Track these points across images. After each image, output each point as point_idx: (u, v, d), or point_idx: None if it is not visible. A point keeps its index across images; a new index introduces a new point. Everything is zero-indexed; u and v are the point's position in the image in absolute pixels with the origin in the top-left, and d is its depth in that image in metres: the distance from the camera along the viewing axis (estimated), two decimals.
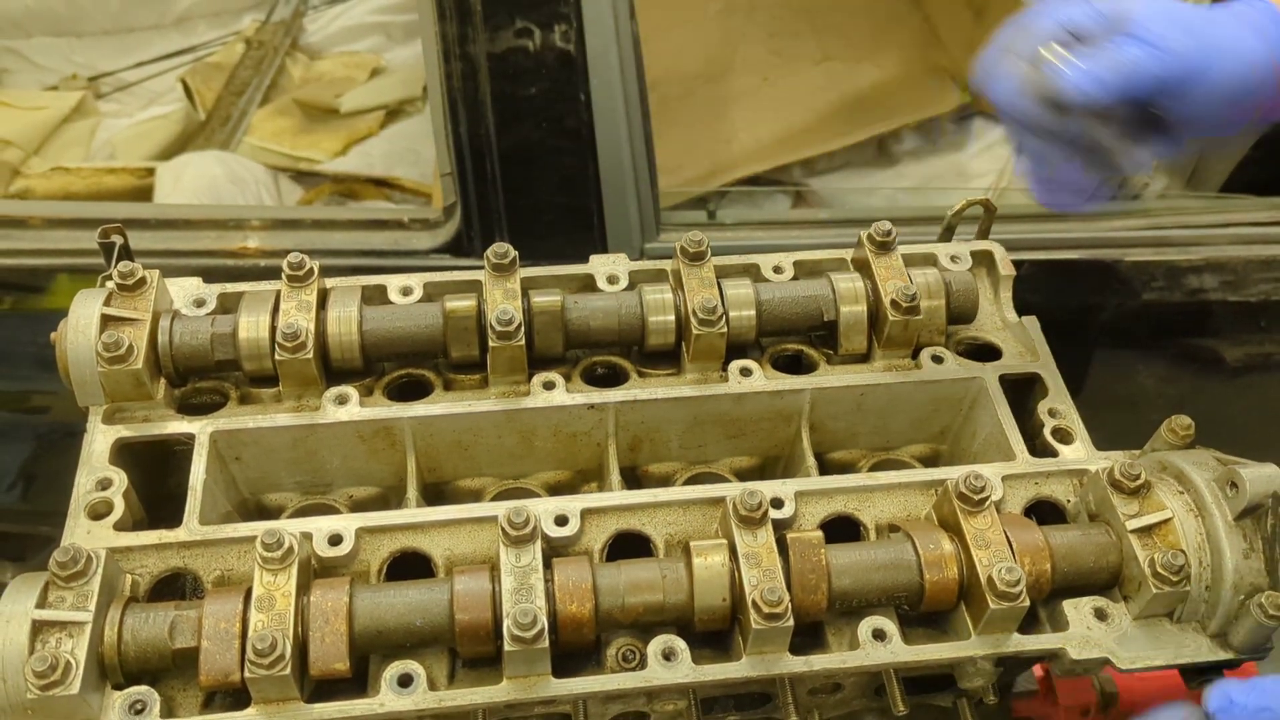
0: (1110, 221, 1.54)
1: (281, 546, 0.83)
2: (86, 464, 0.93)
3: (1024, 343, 1.08)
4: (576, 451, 1.05)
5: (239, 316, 0.98)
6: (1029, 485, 0.96)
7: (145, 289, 0.98)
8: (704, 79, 2.58)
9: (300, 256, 0.99)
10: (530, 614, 0.80)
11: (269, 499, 1.04)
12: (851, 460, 1.10)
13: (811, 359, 1.07)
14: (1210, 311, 1.51)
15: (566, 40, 1.31)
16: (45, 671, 0.76)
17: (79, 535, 0.89)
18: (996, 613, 0.85)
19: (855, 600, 0.87)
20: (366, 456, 1.01)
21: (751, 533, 0.86)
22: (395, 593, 0.84)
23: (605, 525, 0.93)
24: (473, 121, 1.34)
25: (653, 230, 1.43)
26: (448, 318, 0.99)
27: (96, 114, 2.81)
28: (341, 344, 0.99)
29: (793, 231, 1.56)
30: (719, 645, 0.90)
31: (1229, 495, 0.86)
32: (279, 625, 0.80)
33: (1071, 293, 1.50)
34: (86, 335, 0.93)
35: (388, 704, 0.81)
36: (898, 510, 0.95)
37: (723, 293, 1.02)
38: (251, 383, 1.01)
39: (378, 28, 3.01)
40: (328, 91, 2.74)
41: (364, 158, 2.57)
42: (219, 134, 2.65)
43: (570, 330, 1.01)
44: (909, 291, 1.01)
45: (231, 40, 2.98)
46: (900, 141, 2.66)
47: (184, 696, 0.84)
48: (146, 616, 0.82)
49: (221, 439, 0.97)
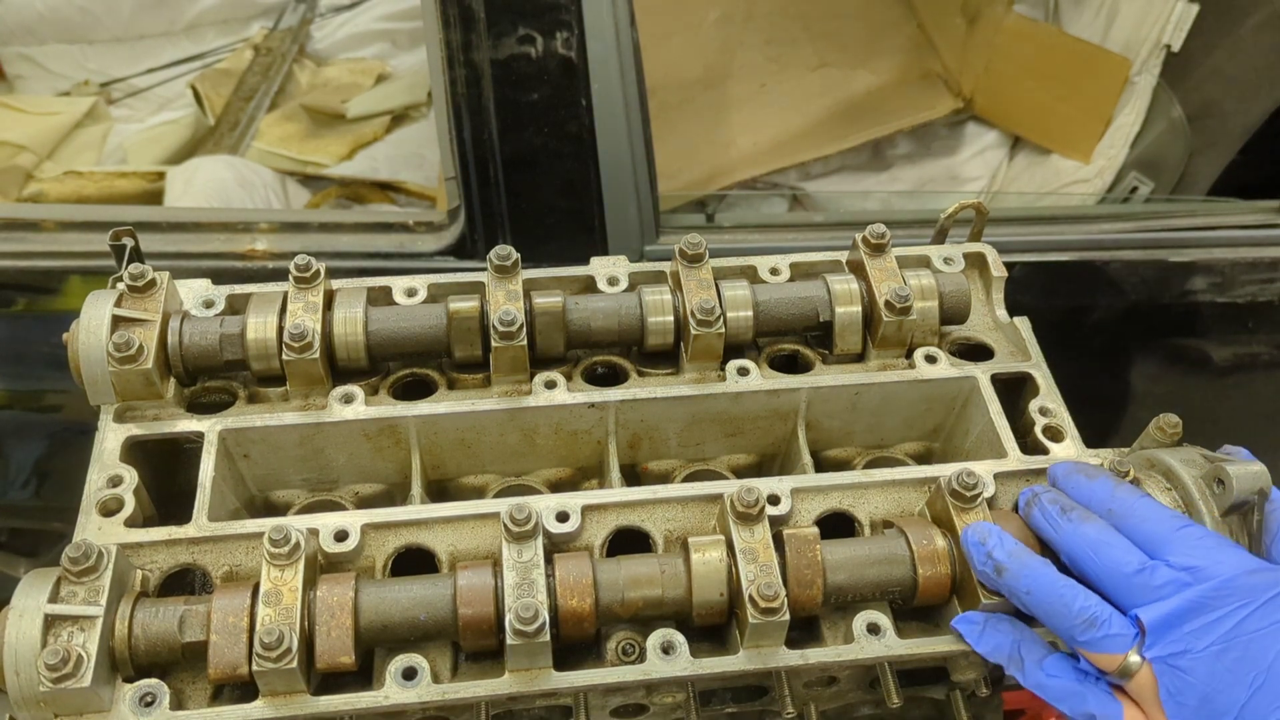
0: (1100, 224, 1.55)
1: (289, 542, 0.83)
2: (98, 461, 0.93)
3: (1015, 343, 1.09)
4: (577, 449, 1.05)
5: (247, 317, 0.98)
6: (1020, 482, 0.97)
7: (155, 290, 0.98)
8: (703, 85, 2.60)
9: (307, 259, 1.00)
10: (532, 608, 0.80)
11: (276, 496, 1.05)
12: (846, 458, 1.10)
13: (807, 359, 1.08)
14: (1199, 312, 1.52)
15: (568, 47, 1.33)
16: (57, 664, 0.77)
17: (90, 531, 0.89)
18: (989, 607, 0.86)
19: (850, 595, 0.88)
20: (372, 454, 1.02)
21: (749, 529, 0.87)
22: (400, 588, 0.85)
23: (605, 521, 0.93)
24: (476, 126, 1.35)
25: (652, 233, 1.44)
26: (451, 318, 1.00)
27: (108, 119, 2.83)
28: (347, 344, 0.99)
29: (789, 234, 1.57)
30: (717, 639, 0.91)
31: (1216, 492, 0.87)
32: (286, 619, 0.80)
33: (1062, 294, 1.51)
34: (98, 336, 0.94)
35: (392, 696, 0.82)
36: (892, 507, 0.96)
37: (720, 294, 1.03)
38: (259, 382, 1.01)
39: (383, 35, 3.04)
40: (334, 97, 2.76)
41: (370, 162, 2.59)
42: (228, 139, 2.67)
43: (571, 331, 1.02)
44: (903, 293, 1.02)
45: (240, 47, 3.00)
46: (894, 146, 2.68)
47: (193, 689, 0.85)
48: (156, 611, 0.83)
49: (230, 437, 0.97)
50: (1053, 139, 2.60)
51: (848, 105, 2.63)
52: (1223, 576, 0.78)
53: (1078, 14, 2.61)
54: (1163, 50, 2.33)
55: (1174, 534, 0.82)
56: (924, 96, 2.68)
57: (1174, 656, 0.78)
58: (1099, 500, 0.88)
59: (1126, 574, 0.81)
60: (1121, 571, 0.81)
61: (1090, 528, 0.85)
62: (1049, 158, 2.61)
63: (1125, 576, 0.81)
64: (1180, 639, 0.78)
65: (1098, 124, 2.46)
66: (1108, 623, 0.80)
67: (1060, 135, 2.57)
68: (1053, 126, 2.59)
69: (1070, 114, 2.51)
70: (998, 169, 2.68)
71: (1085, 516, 0.86)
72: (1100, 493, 0.88)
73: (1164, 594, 0.79)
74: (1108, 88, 2.41)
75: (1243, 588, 0.78)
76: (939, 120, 2.68)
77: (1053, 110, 2.56)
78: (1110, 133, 2.44)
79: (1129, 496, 0.87)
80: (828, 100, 2.63)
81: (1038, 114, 2.62)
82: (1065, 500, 0.88)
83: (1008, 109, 2.70)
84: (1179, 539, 0.82)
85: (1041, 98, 2.57)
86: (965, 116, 2.75)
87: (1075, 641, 0.81)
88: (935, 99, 2.68)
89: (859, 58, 2.73)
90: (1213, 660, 0.76)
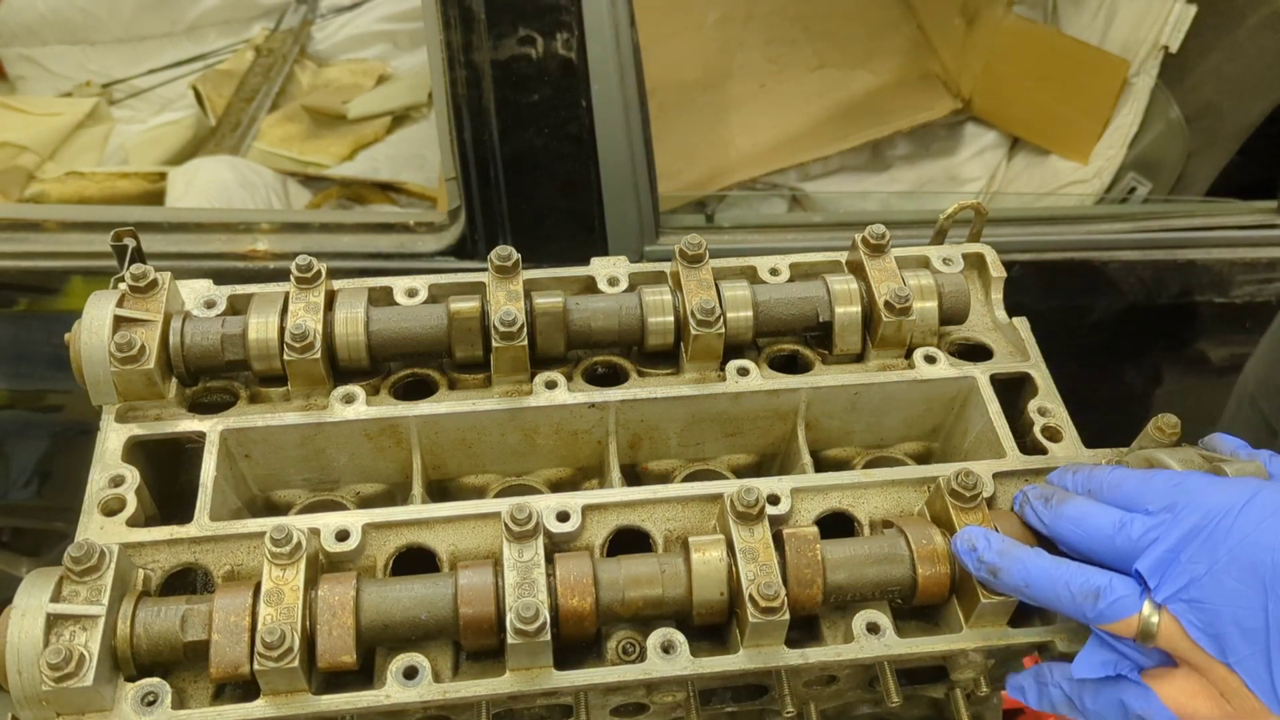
0: (1099, 225, 1.55)
1: (290, 542, 0.84)
2: (100, 461, 0.94)
3: (1014, 343, 1.09)
4: (578, 449, 1.05)
5: (248, 317, 0.98)
6: (1019, 482, 0.97)
7: (157, 291, 0.99)
8: (702, 86, 2.61)
9: (308, 259, 1.00)
10: (533, 608, 0.81)
11: (278, 495, 1.05)
12: (846, 458, 1.10)
13: (807, 359, 1.08)
14: (1196, 312, 1.53)
15: (568, 48, 1.33)
16: (60, 664, 0.77)
17: (92, 531, 0.89)
18: (987, 606, 0.86)
19: (850, 594, 0.88)
20: (373, 454, 1.02)
21: (748, 528, 0.88)
22: (401, 587, 0.85)
23: (606, 521, 0.94)
24: (477, 127, 1.36)
25: (652, 233, 1.45)
26: (452, 319, 1.00)
27: (110, 120, 2.84)
28: (348, 344, 0.99)
29: (789, 234, 1.58)
30: (717, 638, 0.91)
31: None
32: (288, 619, 0.81)
33: (1061, 294, 1.52)
34: (100, 336, 0.94)
35: (394, 695, 0.82)
36: (891, 506, 0.96)
37: (720, 294, 1.03)
38: (261, 382, 1.01)
39: (384, 36, 3.04)
40: (335, 98, 2.77)
41: (370, 163, 2.60)
42: (229, 139, 2.68)
43: (572, 331, 1.02)
44: (902, 293, 1.02)
45: (242, 48, 3.01)
46: (894, 146, 2.69)
47: (195, 688, 0.85)
48: (158, 610, 0.83)
49: (231, 437, 0.97)
50: (1051, 140, 2.60)
51: (847, 106, 2.64)
52: (1198, 502, 0.79)
53: (1076, 15, 2.62)
54: (1161, 51, 2.34)
55: (1145, 486, 0.84)
56: (923, 97, 2.69)
57: (1184, 590, 0.77)
58: (1080, 484, 0.90)
59: (1110, 534, 0.82)
60: (1105, 534, 0.82)
61: (1070, 506, 0.86)
62: (1047, 158, 2.62)
63: (1109, 537, 0.82)
64: (1182, 571, 0.77)
65: (1096, 125, 2.47)
66: (1109, 587, 0.80)
67: (1059, 136, 2.57)
68: (1051, 127, 2.59)
69: (1069, 115, 2.52)
70: (996, 169, 2.68)
71: (1065, 498, 0.88)
72: (1081, 477, 0.90)
73: (1151, 538, 0.80)
74: (1106, 88, 2.42)
75: (1220, 504, 0.78)
76: (938, 121, 2.69)
77: (1051, 111, 2.56)
78: (1108, 133, 2.45)
79: (1103, 472, 0.89)
80: (827, 101, 2.63)
81: (1036, 115, 2.62)
82: (1049, 490, 0.90)
83: (1006, 110, 2.70)
84: (1150, 488, 0.83)
85: (1040, 98, 2.58)
86: (964, 117, 2.76)
87: (1089, 619, 0.81)
88: (934, 100, 2.69)
89: (858, 58, 2.74)
90: (1221, 579, 0.76)
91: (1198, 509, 0.79)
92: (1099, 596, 0.80)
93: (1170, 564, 0.78)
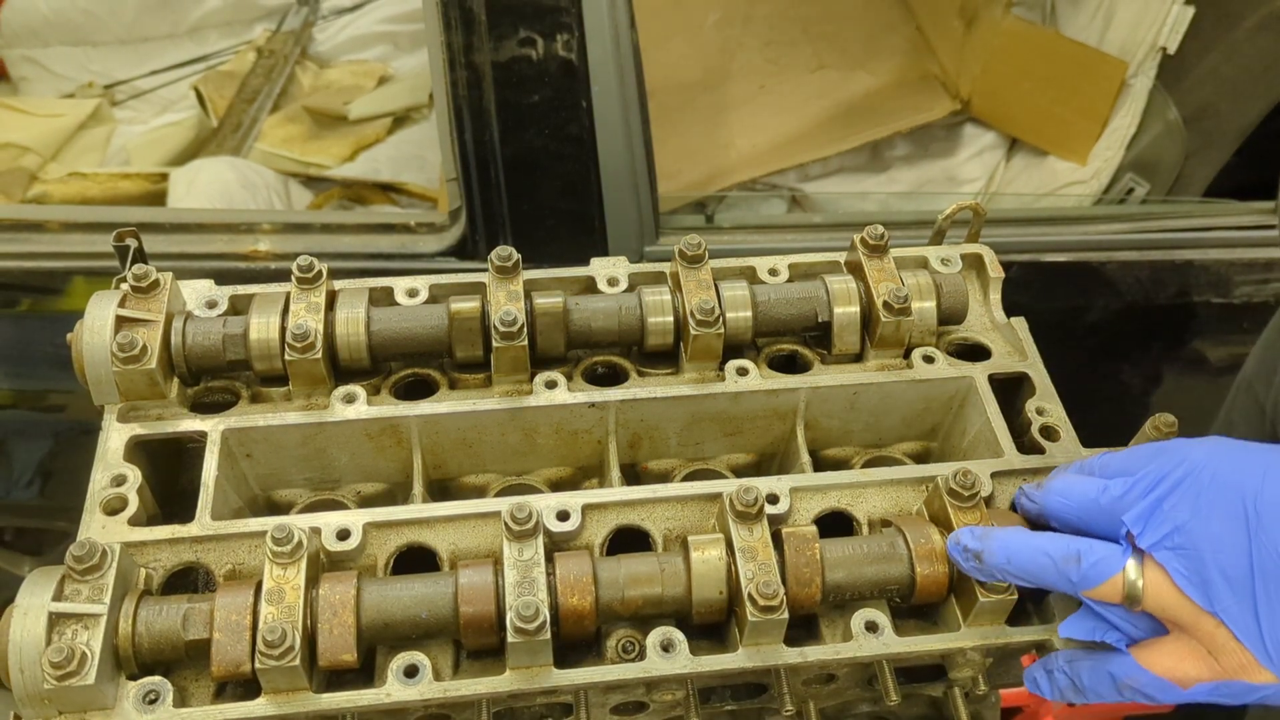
0: (1097, 225, 1.56)
1: (291, 541, 0.84)
2: (102, 461, 0.94)
3: (1012, 343, 1.09)
4: (578, 449, 1.06)
5: (250, 318, 0.98)
6: (1017, 481, 0.98)
7: (159, 291, 0.99)
8: (702, 87, 2.61)
9: (309, 259, 1.01)
10: (533, 606, 0.81)
11: (279, 495, 1.05)
12: (845, 457, 1.11)
13: (806, 359, 1.08)
14: (1194, 313, 1.53)
15: (569, 49, 1.34)
16: (62, 662, 0.77)
17: (94, 530, 0.90)
18: (986, 605, 0.87)
19: (848, 593, 0.89)
20: (374, 454, 1.03)
21: (748, 527, 0.88)
22: (401, 586, 0.85)
23: (606, 520, 0.94)
24: (478, 128, 1.36)
25: (652, 234, 1.45)
26: (453, 319, 1.00)
27: (112, 121, 2.85)
28: (349, 344, 1.00)
29: (788, 235, 1.58)
30: (716, 637, 0.91)
31: None
32: (289, 617, 0.81)
33: (1059, 294, 1.52)
34: (101, 336, 0.95)
35: (394, 694, 0.83)
36: (890, 506, 0.97)
37: (720, 294, 1.03)
38: (262, 382, 1.02)
39: (385, 37, 3.05)
40: (336, 99, 2.77)
41: (371, 163, 2.60)
42: (231, 140, 2.68)
43: (572, 331, 1.02)
44: (901, 293, 1.02)
45: (243, 49, 3.01)
46: (893, 147, 2.69)
47: (196, 687, 0.86)
48: (160, 609, 0.83)
49: (233, 437, 0.98)
50: (1049, 141, 2.61)
51: (846, 107, 2.64)
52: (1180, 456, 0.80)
53: (1074, 16, 2.62)
54: (1159, 52, 2.34)
55: (1130, 455, 0.85)
56: (922, 98, 2.69)
57: (1168, 538, 0.78)
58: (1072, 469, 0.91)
59: (1095, 497, 0.83)
60: (1090, 498, 0.84)
61: (1058, 480, 0.88)
62: (1046, 159, 2.62)
63: (1094, 500, 0.83)
64: (1165, 518, 0.78)
65: (1094, 126, 2.47)
66: (1089, 549, 0.80)
67: (1057, 137, 2.57)
68: (1049, 128, 2.59)
69: (1067, 116, 2.52)
70: (995, 170, 2.69)
71: (1053, 476, 0.89)
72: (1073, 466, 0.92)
73: (1136, 492, 0.80)
74: (1104, 90, 2.42)
75: (1201, 456, 0.79)
76: (937, 122, 2.69)
77: (1049, 112, 2.57)
78: (1106, 134, 2.45)
79: (1091, 455, 0.91)
80: (826, 102, 2.64)
81: (1035, 116, 2.63)
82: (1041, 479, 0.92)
83: (1005, 111, 2.71)
84: (1134, 456, 0.84)
85: (1038, 100, 2.58)
86: (963, 118, 2.76)
87: (1073, 586, 0.81)
88: (933, 101, 2.69)
89: (857, 60, 2.74)
90: (1205, 523, 0.76)
91: (1180, 463, 0.80)
92: (1080, 559, 0.80)
93: (1154, 512, 0.79)
